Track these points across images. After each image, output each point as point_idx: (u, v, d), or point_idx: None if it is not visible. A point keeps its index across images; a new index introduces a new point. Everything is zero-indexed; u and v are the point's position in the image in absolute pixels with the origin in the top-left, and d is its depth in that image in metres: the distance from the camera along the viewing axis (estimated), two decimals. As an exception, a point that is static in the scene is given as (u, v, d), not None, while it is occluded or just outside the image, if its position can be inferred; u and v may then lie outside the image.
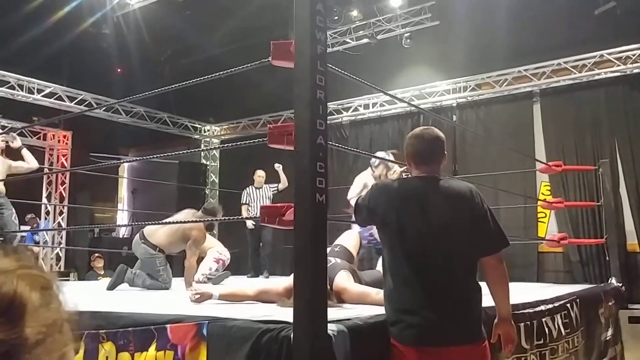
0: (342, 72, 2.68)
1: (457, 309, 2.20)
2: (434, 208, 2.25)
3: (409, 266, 2.22)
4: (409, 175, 2.48)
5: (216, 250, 6.53)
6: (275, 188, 7.99)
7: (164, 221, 5.22)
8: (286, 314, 2.11)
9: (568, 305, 3.95)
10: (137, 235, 5.35)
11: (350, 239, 4.55)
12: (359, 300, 3.33)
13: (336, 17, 8.52)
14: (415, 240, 2.22)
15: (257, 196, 7.91)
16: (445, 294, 2.20)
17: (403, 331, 2.20)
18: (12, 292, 0.55)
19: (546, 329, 3.47)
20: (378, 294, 3.39)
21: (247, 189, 8.05)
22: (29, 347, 0.54)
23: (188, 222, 5.13)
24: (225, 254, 6.59)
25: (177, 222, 5.08)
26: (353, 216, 2.58)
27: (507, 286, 2.35)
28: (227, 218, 4.93)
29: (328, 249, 4.52)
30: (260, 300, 3.54)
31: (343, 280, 3.53)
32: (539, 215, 7.85)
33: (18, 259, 0.59)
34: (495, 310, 2.36)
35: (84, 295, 4.08)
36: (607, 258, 6.67)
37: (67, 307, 0.60)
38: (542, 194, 7.85)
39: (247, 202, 7.92)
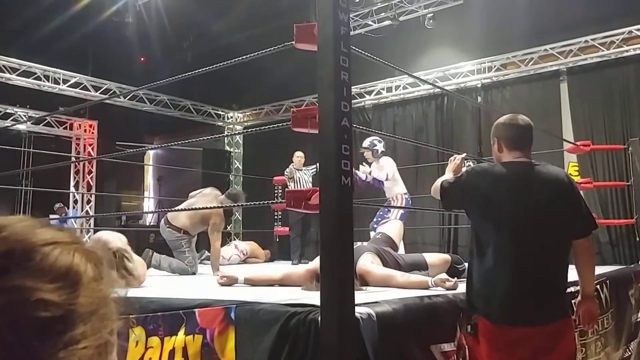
0: (366, 54, 2.64)
1: (552, 288, 2.33)
2: (535, 192, 2.34)
3: (510, 247, 2.28)
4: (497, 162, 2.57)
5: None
6: (315, 169, 7.54)
7: (187, 208, 5.31)
8: (312, 297, 2.12)
9: (598, 286, 3.89)
10: (162, 220, 5.55)
11: (393, 227, 4.54)
12: (383, 283, 3.33)
13: (357, 0, 8.42)
14: (518, 222, 2.30)
15: (298, 177, 7.61)
16: (543, 274, 2.31)
17: (497, 310, 2.28)
18: (69, 261, 0.58)
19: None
20: (403, 276, 3.39)
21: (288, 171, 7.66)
22: (84, 316, 0.56)
23: (209, 207, 5.21)
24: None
25: (199, 209, 5.15)
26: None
27: (594, 267, 2.49)
28: (252, 203, 4.96)
29: (371, 236, 4.55)
30: (284, 284, 3.56)
31: (367, 262, 3.53)
32: (567, 196, 7.71)
33: (72, 234, 0.62)
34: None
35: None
36: (638, 239, 6.55)
37: (114, 286, 0.63)
38: (570, 174, 7.71)
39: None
